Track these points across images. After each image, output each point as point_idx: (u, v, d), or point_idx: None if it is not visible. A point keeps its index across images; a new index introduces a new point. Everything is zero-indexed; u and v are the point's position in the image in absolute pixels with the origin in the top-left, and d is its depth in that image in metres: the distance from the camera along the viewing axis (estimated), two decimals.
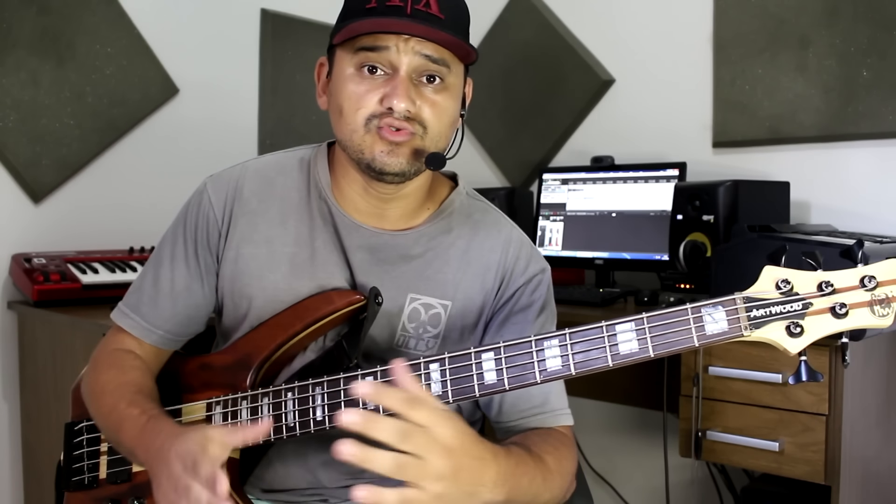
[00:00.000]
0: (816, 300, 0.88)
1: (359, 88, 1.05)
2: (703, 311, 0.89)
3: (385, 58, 1.03)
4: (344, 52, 1.07)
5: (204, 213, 1.17)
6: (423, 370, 0.98)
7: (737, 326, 0.89)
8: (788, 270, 0.89)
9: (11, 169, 2.11)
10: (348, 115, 1.06)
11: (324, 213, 1.16)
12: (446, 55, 1.05)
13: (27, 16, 2.11)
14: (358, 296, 1.10)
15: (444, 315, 1.15)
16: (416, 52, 1.03)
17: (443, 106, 1.07)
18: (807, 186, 2.07)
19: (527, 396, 1.12)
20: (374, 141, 1.05)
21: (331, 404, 1.02)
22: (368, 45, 1.04)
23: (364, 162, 1.07)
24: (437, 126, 1.07)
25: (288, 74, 2.64)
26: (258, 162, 1.21)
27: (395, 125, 1.04)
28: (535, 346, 0.94)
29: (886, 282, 0.87)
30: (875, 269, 0.87)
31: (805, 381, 0.89)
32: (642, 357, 0.91)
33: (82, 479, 1.17)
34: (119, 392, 1.11)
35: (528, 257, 1.19)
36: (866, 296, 0.87)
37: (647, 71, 2.39)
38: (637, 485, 2.43)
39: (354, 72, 1.05)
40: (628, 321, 0.92)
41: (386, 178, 1.07)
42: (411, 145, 1.05)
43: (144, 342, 1.18)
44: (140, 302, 1.19)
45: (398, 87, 1.02)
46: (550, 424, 1.13)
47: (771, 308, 0.88)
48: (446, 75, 1.06)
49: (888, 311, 0.87)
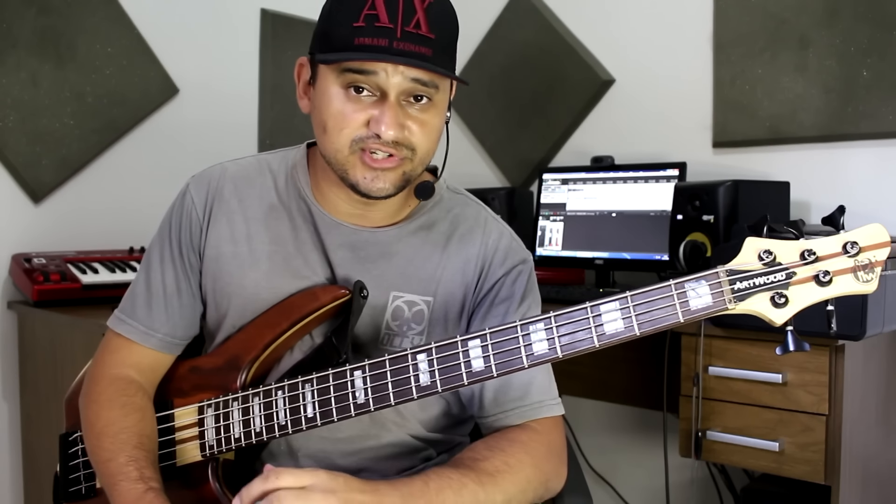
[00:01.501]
0: (800, 269, 0.87)
1: (345, 108, 1.02)
2: (686, 286, 0.89)
3: (373, 81, 1.00)
4: (329, 67, 1.03)
5: (187, 213, 1.18)
6: (410, 361, 0.98)
7: (721, 300, 0.88)
8: (770, 241, 0.88)
9: (11, 169, 2.11)
10: (332, 134, 1.04)
11: (303, 211, 1.16)
12: (435, 77, 1.02)
13: (27, 16, 2.11)
14: (342, 290, 1.10)
15: (427, 311, 1.14)
16: (405, 76, 1.00)
17: (430, 124, 1.05)
18: (807, 186, 2.06)
19: (505, 390, 1.11)
20: (357, 164, 1.04)
21: (321, 400, 1.02)
22: (356, 69, 1.00)
23: (348, 182, 1.06)
24: (425, 146, 1.05)
25: (288, 74, 2.63)
26: (238, 162, 1.21)
27: (381, 150, 1.02)
28: (521, 330, 0.94)
29: (869, 247, 0.86)
30: (857, 235, 0.86)
31: (792, 351, 0.88)
32: (628, 336, 0.90)
33: (79, 489, 1.17)
34: (120, 440, 1.09)
35: (507, 248, 1.18)
36: (849, 262, 0.86)
37: (647, 71, 2.39)
38: (637, 485, 2.43)
39: (340, 90, 1.02)
40: (612, 300, 0.92)
41: (371, 198, 1.07)
42: (398, 171, 1.05)
43: (144, 348, 1.17)
44: (135, 306, 1.19)
45: (386, 113, 1.00)
46: (529, 418, 1.11)
47: (754, 280, 0.87)
48: (434, 94, 1.03)
49: (872, 276, 0.85)
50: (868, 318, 1.44)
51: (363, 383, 1.00)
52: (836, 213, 0.87)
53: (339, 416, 1.01)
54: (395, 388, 0.98)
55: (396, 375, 0.98)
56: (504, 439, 1.08)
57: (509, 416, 1.11)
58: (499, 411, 1.12)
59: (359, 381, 1.00)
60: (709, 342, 1.65)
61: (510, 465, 1.03)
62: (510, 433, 1.09)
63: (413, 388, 0.98)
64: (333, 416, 1.01)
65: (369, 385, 0.99)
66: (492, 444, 1.07)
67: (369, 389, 0.99)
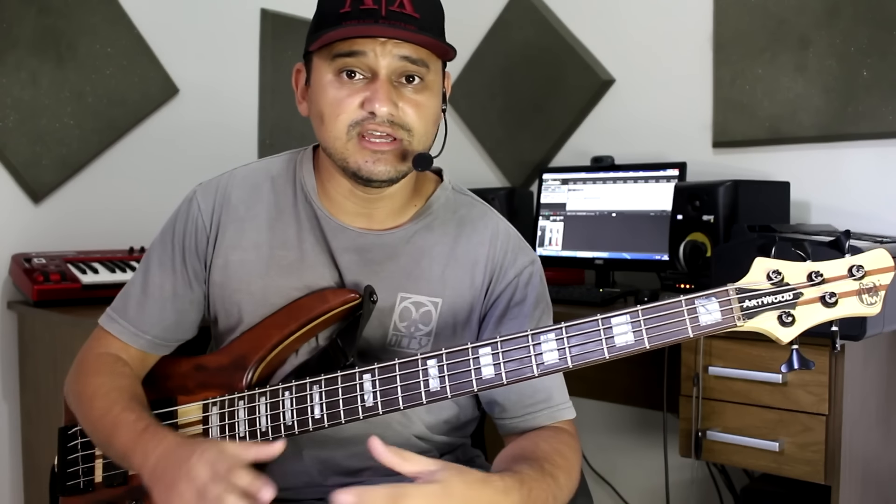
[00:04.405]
0: (807, 290, 0.89)
1: (339, 94, 1.04)
2: (696, 302, 0.91)
3: (363, 62, 1.03)
4: (321, 59, 1.06)
5: (193, 220, 1.18)
6: (420, 366, 0.98)
7: (730, 317, 0.90)
8: (779, 262, 0.90)
9: (11, 169, 2.11)
10: (329, 122, 1.05)
11: (310, 216, 1.16)
12: (424, 55, 1.05)
13: (27, 16, 2.11)
14: (353, 294, 1.10)
15: (434, 312, 1.15)
16: (393, 54, 1.03)
17: (425, 105, 1.06)
18: (807, 186, 2.06)
19: (531, 392, 1.12)
20: (357, 150, 1.05)
21: (329, 402, 1.02)
22: (345, 52, 1.03)
23: (350, 170, 1.07)
24: (422, 127, 1.07)
25: (288, 74, 2.60)
26: (245, 169, 1.22)
27: (378, 131, 1.03)
28: (532, 340, 0.95)
29: (873, 271, 0.89)
30: (862, 259, 0.89)
31: (797, 369, 0.91)
32: (638, 349, 0.92)
33: (77, 483, 1.16)
34: (113, 396, 1.10)
35: (516, 249, 1.19)
36: (854, 285, 0.89)
37: (647, 71, 2.39)
38: (637, 485, 2.43)
39: (333, 78, 1.05)
40: (623, 314, 0.93)
41: (373, 184, 1.07)
42: (397, 151, 1.05)
43: (131, 347, 1.18)
44: (128, 306, 1.19)
45: (379, 90, 1.02)
46: (556, 419, 1.13)
47: (763, 298, 0.90)
48: (425, 74, 1.06)
49: (876, 300, 0.89)
50: (868, 319, 1.44)
51: (372, 387, 1.00)
52: (842, 236, 0.90)
53: (346, 418, 1.01)
54: (404, 393, 0.99)
55: (406, 380, 0.99)
56: (561, 443, 1.10)
57: (538, 417, 1.13)
58: (526, 412, 1.13)
59: (368, 384, 1.00)
60: (709, 342, 1.65)
61: (571, 474, 1.06)
62: (562, 436, 1.12)
63: (422, 392, 0.98)
64: (341, 418, 1.01)
65: (378, 388, 1.00)
66: (556, 447, 1.08)
67: (378, 393, 1.00)
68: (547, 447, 1.08)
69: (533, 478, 0.99)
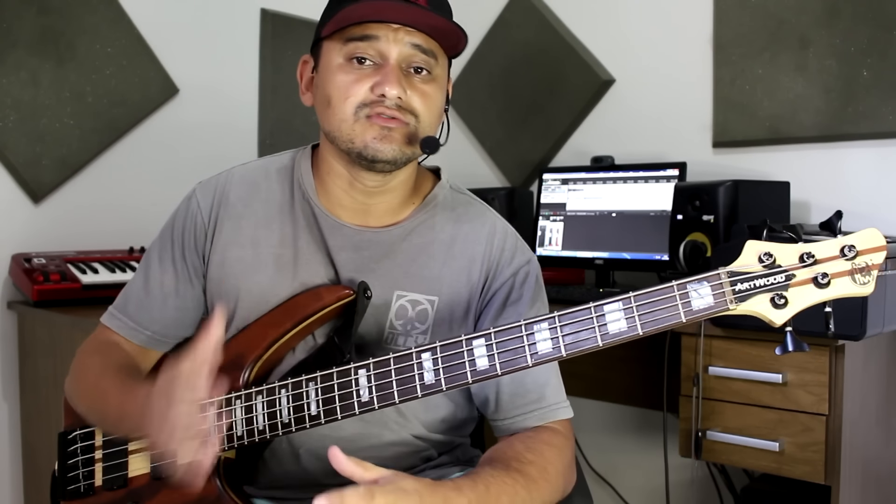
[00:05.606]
0: (799, 271, 0.89)
1: (348, 78, 1.06)
2: (688, 287, 0.91)
3: (375, 48, 1.05)
4: (332, 43, 1.08)
5: (192, 217, 1.19)
6: (414, 360, 0.98)
7: (722, 301, 0.90)
8: (770, 244, 0.90)
9: (11, 169, 2.11)
10: (337, 105, 1.06)
11: (307, 214, 1.17)
12: (434, 46, 1.07)
13: (27, 16, 2.11)
14: (347, 290, 1.11)
15: (431, 310, 1.15)
16: (405, 41, 1.05)
17: (431, 96, 1.08)
18: (807, 186, 2.06)
19: (523, 392, 1.12)
20: (366, 128, 1.06)
21: (325, 398, 1.02)
22: (358, 35, 1.05)
23: (355, 151, 1.07)
24: (428, 115, 1.08)
25: (288, 74, 2.64)
26: (244, 168, 1.23)
27: (386, 113, 1.05)
28: (525, 329, 0.95)
29: (866, 250, 0.88)
30: (854, 239, 0.89)
31: (791, 351, 0.90)
32: (631, 335, 0.92)
33: (78, 487, 1.17)
34: (102, 369, 1.13)
35: (513, 248, 1.19)
36: (847, 265, 0.88)
37: (647, 71, 2.39)
38: (637, 485, 2.43)
39: (343, 62, 1.06)
40: (616, 301, 0.93)
41: (377, 165, 1.07)
42: (404, 131, 1.06)
43: (131, 342, 1.20)
44: (128, 303, 1.21)
45: (389, 74, 1.04)
46: (548, 420, 1.13)
47: (755, 281, 0.89)
48: (433, 67, 1.08)
49: (868, 279, 0.88)
50: (868, 319, 1.44)
51: (367, 381, 1.00)
52: (834, 217, 0.90)
53: (342, 414, 1.01)
54: (399, 387, 0.99)
55: (401, 374, 0.99)
56: (539, 441, 1.09)
57: (529, 418, 1.12)
58: (518, 413, 1.13)
59: (363, 379, 1.00)
60: (709, 342, 1.65)
61: (548, 470, 1.05)
62: (543, 435, 1.11)
63: (417, 386, 0.98)
64: (337, 415, 1.02)
65: (374, 384, 1.00)
66: (531, 445, 1.08)
67: (373, 388, 1.00)
68: (520, 446, 1.07)
69: (492, 474, 0.99)
